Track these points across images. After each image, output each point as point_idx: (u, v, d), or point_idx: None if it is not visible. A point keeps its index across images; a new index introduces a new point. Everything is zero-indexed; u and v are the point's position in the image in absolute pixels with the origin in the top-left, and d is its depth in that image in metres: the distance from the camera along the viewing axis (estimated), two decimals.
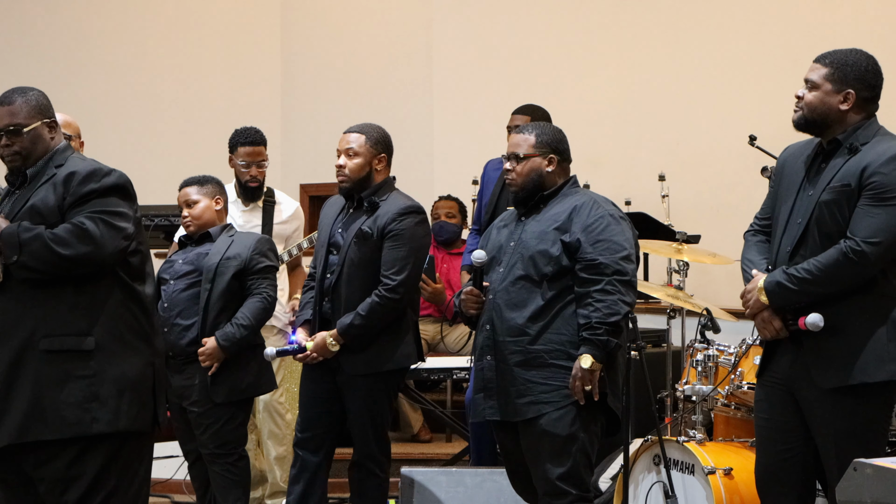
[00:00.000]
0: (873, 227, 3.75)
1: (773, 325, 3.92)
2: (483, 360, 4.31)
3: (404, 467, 5.31)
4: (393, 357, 4.93)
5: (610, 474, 5.30)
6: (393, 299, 4.86)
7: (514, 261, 4.27)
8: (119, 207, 3.70)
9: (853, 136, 3.86)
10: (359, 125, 5.07)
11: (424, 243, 5.04)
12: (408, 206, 4.96)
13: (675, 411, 5.34)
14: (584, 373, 4.10)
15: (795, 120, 3.94)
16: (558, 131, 4.44)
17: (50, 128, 3.84)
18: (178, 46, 9.22)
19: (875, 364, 3.80)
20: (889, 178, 3.76)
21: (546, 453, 4.18)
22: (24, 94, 3.83)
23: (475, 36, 8.68)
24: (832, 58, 3.89)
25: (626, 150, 8.08)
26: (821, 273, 3.79)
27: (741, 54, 7.82)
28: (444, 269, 6.99)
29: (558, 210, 4.29)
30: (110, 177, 3.72)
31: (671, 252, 5.68)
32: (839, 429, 3.83)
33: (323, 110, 9.04)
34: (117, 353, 3.67)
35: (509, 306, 4.25)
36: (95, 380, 3.64)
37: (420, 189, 8.49)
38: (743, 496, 4.70)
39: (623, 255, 4.17)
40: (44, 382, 3.62)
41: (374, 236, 4.89)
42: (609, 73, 8.25)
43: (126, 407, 3.66)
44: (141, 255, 3.78)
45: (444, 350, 6.76)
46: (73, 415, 3.62)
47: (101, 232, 3.63)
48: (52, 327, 3.64)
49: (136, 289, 3.74)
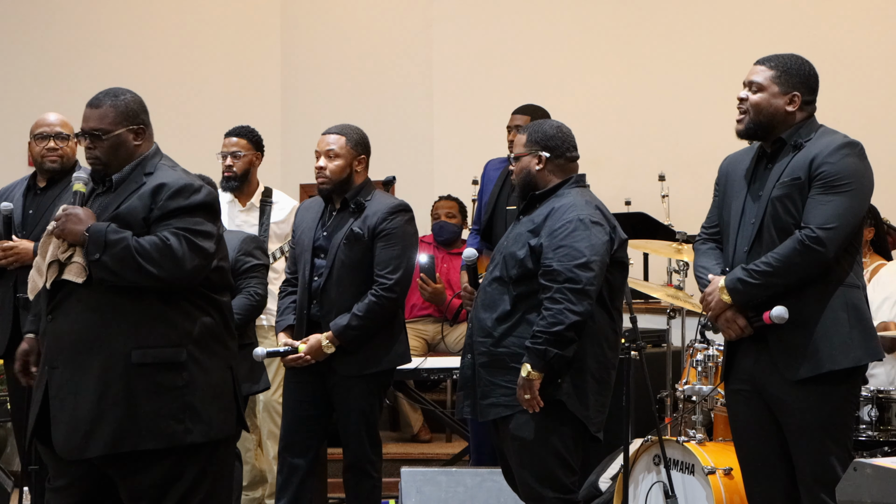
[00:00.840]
0: (827, 214, 3.80)
1: (736, 323, 3.93)
2: (464, 358, 4.33)
3: (404, 467, 5.31)
4: (387, 357, 4.92)
5: (610, 474, 5.30)
6: (391, 298, 4.86)
7: (496, 261, 4.27)
8: (204, 226, 3.68)
9: (796, 134, 3.93)
10: (338, 126, 5.03)
11: (415, 241, 5.04)
12: (396, 205, 4.96)
13: (675, 411, 5.34)
14: (522, 381, 4.05)
15: (741, 130, 4.00)
16: (553, 128, 4.34)
17: (136, 134, 3.77)
18: (178, 46, 9.22)
19: (841, 350, 3.83)
20: (837, 166, 3.82)
21: (518, 457, 4.18)
22: (115, 98, 3.77)
23: (475, 36, 8.69)
24: (776, 61, 3.95)
25: (626, 150, 8.09)
26: (780, 264, 3.82)
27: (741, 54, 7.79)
28: (444, 269, 6.99)
29: (541, 211, 4.22)
30: (199, 194, 3.69)
31: (671, 252, 5.68)
32: (809, 419, 3.84)
33: (323, 110, 9.03)
34: (205, 363, 3.69)
35: (483, 306, 4.24)
36: (188, 390, 3.65)
37: (420, 189, 8.51)
38: (743, 496, 4.70)
39: (579, 263, 4.03)
40: (138, 394, 3.62)
41: (365, 237, 4.88)
42: (609, 73, 8.26)
43: (217, 415, 3.70)
44: (221, 270, 3.78)
45: (444, 350, 6.77)
46: (168, 426, 3.63)
47: (183, 251, 3.61)
48: (144, 339, 3.64)
49: (216, 299, 3.75)
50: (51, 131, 5.18)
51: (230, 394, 3.78)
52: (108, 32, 9.23)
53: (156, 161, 3.78)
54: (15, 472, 6.16)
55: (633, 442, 5.05)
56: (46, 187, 5.18)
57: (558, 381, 4.08)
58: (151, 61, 9.16)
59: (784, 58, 3.97)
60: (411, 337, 6.67)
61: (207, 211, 3.72)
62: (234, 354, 3.83)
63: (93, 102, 3.77)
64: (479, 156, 6.55)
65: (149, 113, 3.85)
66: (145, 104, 3.85)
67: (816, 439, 3.83)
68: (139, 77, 9.08)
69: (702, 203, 7.82)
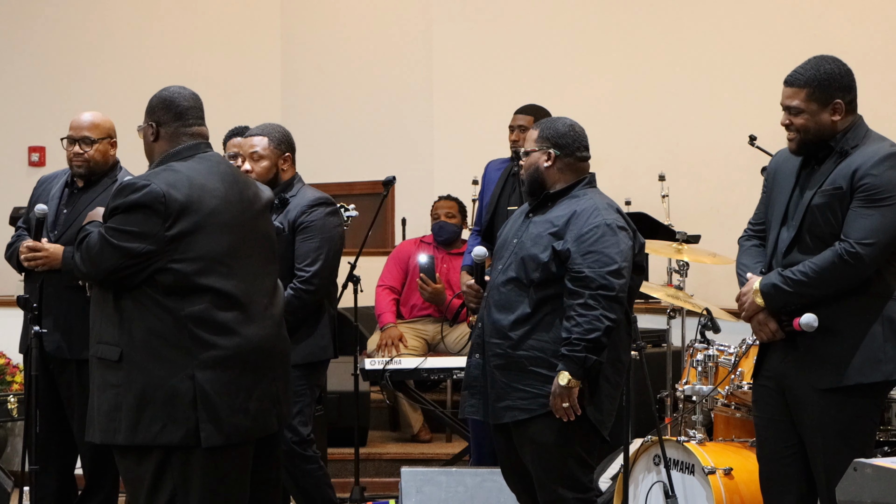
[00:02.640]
0: (867, 229, 3.77)
1: (768, 327, 3.93)
2: (472, 358, 4.27)
3: (404, 467, 5.31)
4: (309, 350, 4.87)
5: (610, 474, 5.30)
6: (308, 291, 4.82)
7: (510, 261, 4.21)
8: (131, 226, 3.64)
9: (843, 139, 3.88)
10: (259, 127, 5.01)
11: (336, 234, 4.97)
12: (317, 199, 4.93)
13: (675, 411, 5.34)
14: (561, 390, 4.00)
15: (795, 149, 3.95)
16: (566, 126, 4.26)
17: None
18: (177, 46, 9.23)
19: (871, 365, 3.81)
20: (880, 179, 3.78)
21: (537, 460, 4.15)
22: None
23: (475, 36, 8.69)
24: (805, 79, 3.87)
25: (626, 150, 8.09)
26: (816, 275, 3.81)
27: (741, 54, 7.83)
28: (444, 270, 6.99)
29: (559, 213, 4.16)
30: (136, 193, 3.65)
31: (671, 252, 5.68)
32: (828, 427, 3.83)
33: (323, 110, 9.05)
34: (146, 366, 3.63)
35: (498, 307, 4.19)
36: (120, 390, 3.65)
37: (420, 189, 8.52)
38: (743, 496, 4.70)
39: (612, 270, 4.00)
40: (96, 388, 3.73)
41: (285, 231, 4.85)
42: (609, 73, 8.26)
43: (147, 421, 3.63)
44: (177, 273, 3.64)
45: (444, 350, 6.76)
46: (104, 423, 3.67)
47: (99, 248, 3.65)
48: (101, 336, 3.72)
49: (164, 303, 3.64)
50: (77, 135, 4.94)
51: (183, 405, 3.62)
52: (108, 32, 9.24)
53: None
54: (15, 472, 6.17)
55: (633, 442, 5.06)
56: (85, 187, 4.95)
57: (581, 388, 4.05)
58: (151, 61, 9.16)
59: (810, 70, 3.88)
60: (411, 337, 6.69)
61: (145, 210, 3.64)
62: (202, 364, 3.64)
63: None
64: (479, 156, 6.55)
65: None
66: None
67: (833, 447, 3.80)
68: (139, 77, 9.09)
69: (702, 203, 7.89)
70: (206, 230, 3.67)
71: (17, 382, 6.65)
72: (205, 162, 3.79)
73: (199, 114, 3.91)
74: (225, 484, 3.71)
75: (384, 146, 9.09)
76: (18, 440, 6.77)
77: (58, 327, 4.74)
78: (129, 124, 8.84)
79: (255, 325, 3.75)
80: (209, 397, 3.64)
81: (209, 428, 3.64)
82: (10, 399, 6.45)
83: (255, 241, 3.84)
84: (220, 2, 9.37)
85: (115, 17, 9.26)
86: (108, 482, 4.89)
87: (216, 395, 3.65)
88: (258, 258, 3.83)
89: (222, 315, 3.68)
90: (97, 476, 4.87)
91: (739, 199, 7.42)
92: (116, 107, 9.06)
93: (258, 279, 3.82)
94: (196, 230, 3.65)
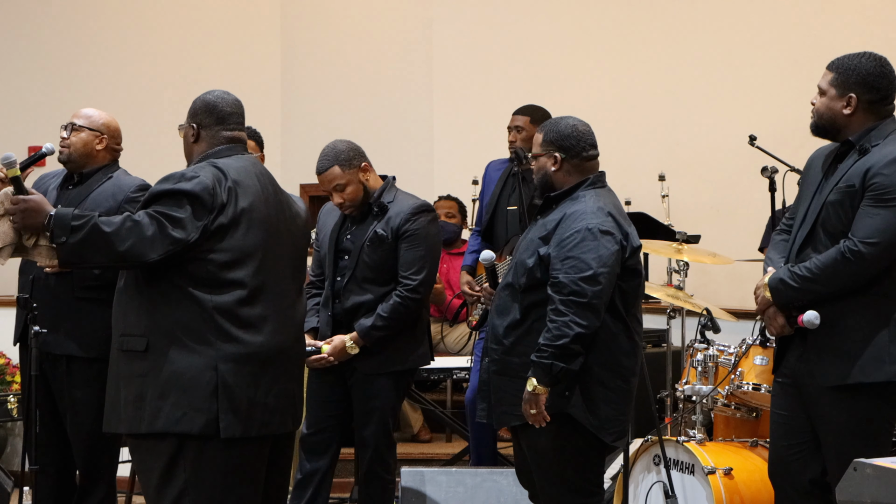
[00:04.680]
0: (872, 228, 3.78)
1: (777, 321, 3.95)
2: (482, 362, 4.28)
3: (404, 467, 5.32)
4: (410, 357, 4.95)
5: (610, 474, 5.30)
6: (416, 299, 4.88)
7: (511, 265, 4.22)
8: (179, 212, 3.66)
9: (866, 137, 3.89)
10: (324, 156, 4.97)
11: (438, 241, 5.05)
12: (419, 206, 4.97)
13: (675, 411, 5.34)
14: (528, 396, 3.96)
15: (811, 127, 4.00)
16: (569, 127, 4.24)
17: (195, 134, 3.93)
18: (177, 46, 9.22)
19: (874, 365, 3.81)
20: (890, 179, 3.79)
21: (536, 466, 4.15)
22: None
23: (475, 36, 8.68)
24: (839, 63, 3.93)
25: (626, 150, 8.08)
26: (820, 272, 3.83)
27: (741, 55, 7.82)
28: (444, 270, 6.99)
29: (553, 217, 4.11)
30: (188, 183, 3.70)
31: (671, 252, 5.68)
32: (839, 426, 3.85)
33: (323, 110, 9.04)
34: (172, 356, 3.65)
35: (496, 312, 4.18)
36: (145, 380, 3.67)
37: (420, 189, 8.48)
38: (743, 496, 4.71)
39: (585, 276, 3.91)
40: (120, 380, 3.75)
41: (389, 238, 4.89)
42: (609, 73, 8.26)
43: (169, 409, 3.65)
44: (209, 263, 3.67)
45: (444, 350, 6.77)
46: (129, 413, 3.70)
47: (153, 231, 3.62)
48: (125, 328, 3.74)
49: (195, 295, 3.66)
50: (67, 121, 4.91)
51: (204, 395, 3.65)
52: (108, 32, 9.23)
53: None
54: (15, 472, 6.17)
55: (633, 442, 5.06)
56: (79, 182, 4.90)
57: (566, 393, 4.01)
58: (151, 61, 9.16)
59: (847, 58, 3.92)
60: None
61: (194, 200, 3.66)
62: (225, 356, 3.68)
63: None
64: (479, 156, 6.55)
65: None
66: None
67: (846, 446, 3.80)
68: (139, 77, 9.10)
69: (702, 203, 7.88)
70: (242, 224, 3.73)
71: (17, 382, 6.65)
72: (242, 161, 3.86)
73: (240, 119, 4.00)
74: (237, 479, 3.73)
75: (384, 146, 9.07)
76: (18, 440, 6.77)
77: (45, 322, 4.68)
78: (129, 124, 8.86)
79: (279, 325, 3.80)
80: (231, 389, 3.67)
81: (229, 418, 3.67)
82: (9, 399, 6.46)
83: (286, 243, 3.89)
84: (220, 2, 9.37)
85: (116, 17, 9.25)
86: (105, 482, 4.85)
87: (237, 387, 3.68)
88: (287, 260, 3.89)
89: (248, 310, 3.72)
90: (93, 475, 4.84)
91: (739, 199, 7.43)
92: (117, 107, 9.06)
93: (285, 281, 3.86)
94: (233, 224, 3.71)
